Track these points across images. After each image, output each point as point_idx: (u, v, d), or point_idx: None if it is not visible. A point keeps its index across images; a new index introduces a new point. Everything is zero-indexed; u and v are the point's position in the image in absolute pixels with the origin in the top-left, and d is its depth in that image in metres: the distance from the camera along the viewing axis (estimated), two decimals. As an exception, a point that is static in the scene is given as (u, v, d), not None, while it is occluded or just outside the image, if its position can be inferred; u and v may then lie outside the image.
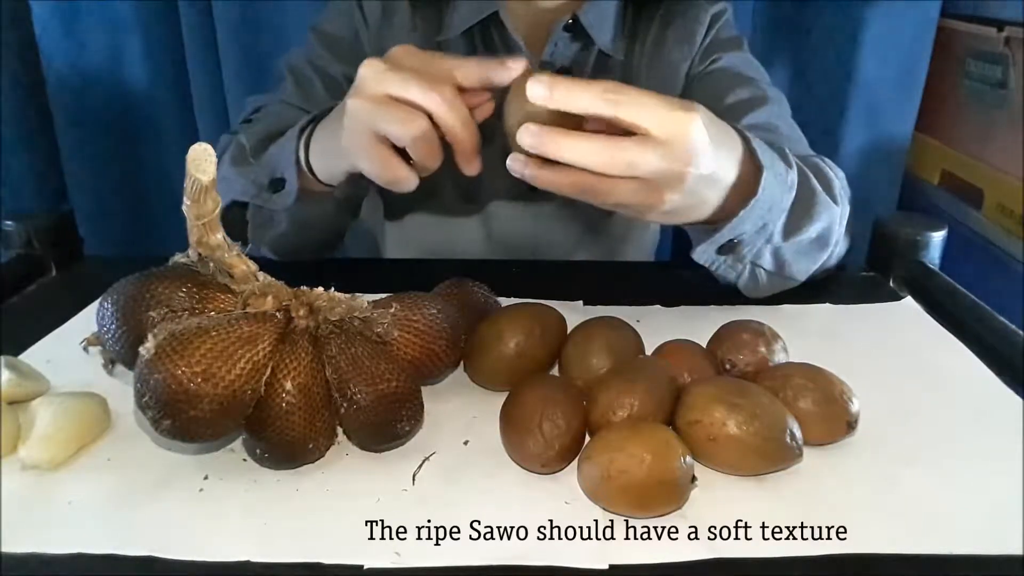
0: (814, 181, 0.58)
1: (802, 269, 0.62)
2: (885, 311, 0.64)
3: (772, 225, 0.55)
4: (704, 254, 0.57)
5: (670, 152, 0.44)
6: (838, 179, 0.63)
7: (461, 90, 0.50)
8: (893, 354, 0.57)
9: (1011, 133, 0.94)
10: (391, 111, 0.49)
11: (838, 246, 0.64)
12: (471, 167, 0.52)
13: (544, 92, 0.43)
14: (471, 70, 0.50)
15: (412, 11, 0.76)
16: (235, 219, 0.66)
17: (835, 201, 0.59)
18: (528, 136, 0.44)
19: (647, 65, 0.77)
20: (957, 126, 1.06)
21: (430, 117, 0.49)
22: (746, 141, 0.52)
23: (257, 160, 0.64)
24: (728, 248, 0.56)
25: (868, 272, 0.71)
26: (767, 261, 0.59)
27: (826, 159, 0.66)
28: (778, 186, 0.53)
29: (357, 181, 0.59)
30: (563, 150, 0.44)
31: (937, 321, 0.62)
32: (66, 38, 1.11)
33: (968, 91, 1.03)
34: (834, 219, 0.60)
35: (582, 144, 0.44)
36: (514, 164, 0.47)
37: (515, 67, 0.50)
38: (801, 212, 0.57)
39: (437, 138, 0.50)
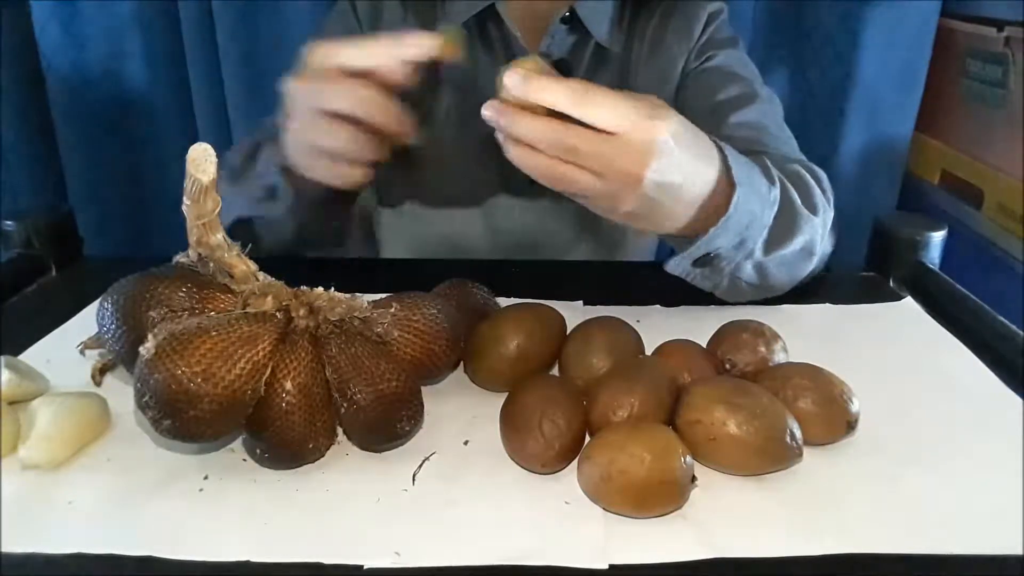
0: (795, 195, 0.58)
1: (786, 280, 0.62)
2: (885, 311, 0.64)
3: (752, 241, 0.55)
4: (678, 267, 0.58)
5: (625, 151, 0.46)
6: (819, 185, 0.62)
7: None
8: (893, 354, 0.57)
9: (1011, 133, 0.94)
10: (317, 123, 0.52)
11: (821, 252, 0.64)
12: (406, 138, 0.53)
13: (519, 82, 0.46)
14: (377, 51, 0.52)
15: (403, 7, 0.76)
16: (241, 236, 0.67)
17: (815, 211, 0.60)
18: (490, 111, 0.47)
19: (646, 59, 0.77)
20: (957, 126, 1.06)
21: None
22: (724, 157, 0.52)
23: (248, 174, 0.65)
24: (704, 261, 0.57)
25: (868, 272, 0.71)
26: (748, 274, 0.59)
27: (808, 163, 0.66)
28: (758, 202, 0.54)
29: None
30: (515, 126, 0.46)
31: (937, 321, 0.62)
32: (66, 38, 1.11)
33: (968, 91, 1.03)
34: (816, 230, 0.60)
35: (532, 122, 0.46)
36: (487, 111, 0.48)
37: (415, 42, 0.50)
38: (783, 227, 0.57)
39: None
